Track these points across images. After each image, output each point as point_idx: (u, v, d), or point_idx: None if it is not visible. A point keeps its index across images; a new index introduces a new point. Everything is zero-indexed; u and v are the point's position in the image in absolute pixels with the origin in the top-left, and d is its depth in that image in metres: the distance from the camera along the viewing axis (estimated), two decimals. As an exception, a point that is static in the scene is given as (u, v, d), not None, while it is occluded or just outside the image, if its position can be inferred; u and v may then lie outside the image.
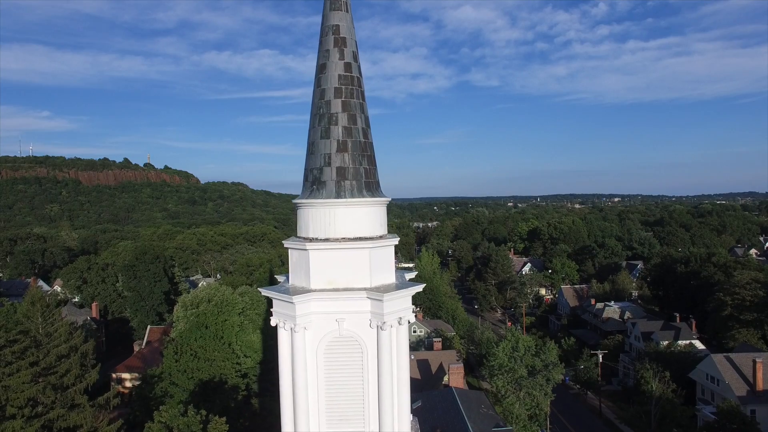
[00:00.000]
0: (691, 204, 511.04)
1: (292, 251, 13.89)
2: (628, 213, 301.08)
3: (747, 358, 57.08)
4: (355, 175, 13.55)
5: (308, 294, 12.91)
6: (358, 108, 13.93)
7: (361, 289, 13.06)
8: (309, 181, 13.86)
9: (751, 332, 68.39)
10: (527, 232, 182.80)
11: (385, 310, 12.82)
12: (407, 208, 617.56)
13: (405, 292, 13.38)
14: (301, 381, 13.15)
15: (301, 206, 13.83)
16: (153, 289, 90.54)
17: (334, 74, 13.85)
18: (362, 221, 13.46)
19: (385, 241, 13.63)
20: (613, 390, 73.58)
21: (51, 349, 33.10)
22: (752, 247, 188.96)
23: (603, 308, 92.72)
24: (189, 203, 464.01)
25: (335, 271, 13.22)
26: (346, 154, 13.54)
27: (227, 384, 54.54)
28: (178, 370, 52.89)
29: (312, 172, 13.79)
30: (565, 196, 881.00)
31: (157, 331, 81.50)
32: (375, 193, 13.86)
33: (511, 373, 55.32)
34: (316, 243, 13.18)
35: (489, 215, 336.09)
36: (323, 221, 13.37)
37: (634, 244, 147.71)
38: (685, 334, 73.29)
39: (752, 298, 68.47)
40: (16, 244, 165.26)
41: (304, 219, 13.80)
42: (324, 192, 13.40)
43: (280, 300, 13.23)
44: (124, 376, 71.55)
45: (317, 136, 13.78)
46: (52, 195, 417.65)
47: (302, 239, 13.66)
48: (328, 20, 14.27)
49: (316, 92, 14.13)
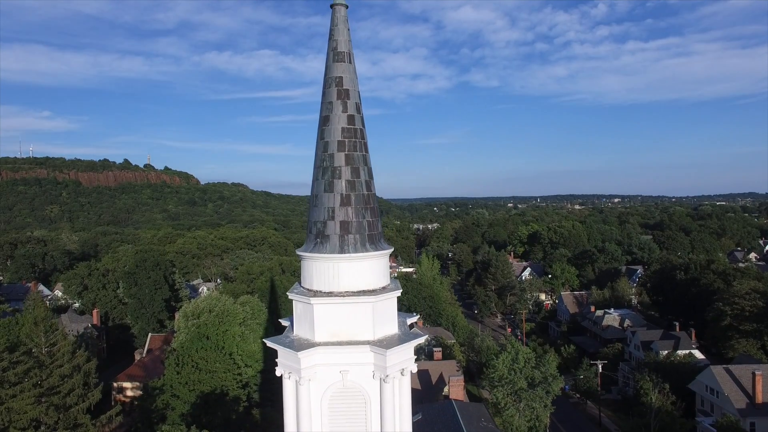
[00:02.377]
0: (690, 205, 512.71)
1: (297, 302, 14.04)
2: (628, 215, 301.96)
3: (746, 370, 57.24)
4: (358, 228, 13.72)
5: (313, 348, 13.08)
6: (361, 161, 14.10)
7: (364, 343, 13.24)
8: (313, 234, 14.03)
9: (751, 342, 68.55)
10: (527, 236, 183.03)
11: (388, 363, 13.02)
12: (407, 208, 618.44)
13: (407, 346, 13.56)
14: (305, 430, 13.35)
15: (306, 258, 14.00)
16: (154, 296, 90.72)
17: (337, 127, 14.02)
18: (365, 274, 13.63)
19: (387, 294, 13.79)
20: (613, 399, 73.77)
21: (54, 370, 33.28)
22: (752, 251, 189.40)
23: (603, 315, 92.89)
24: (189, 204, 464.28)
25: (339, 324, 13.40)
26: (349, 208, 13.71)
27: (228, 395, 54.69)
28: (179, 382, 52.99)
29: (316, 224, 13.96)
30: (565, 197, 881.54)
31: (158, 339, 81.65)
32: (378, 246, 14.03)
33: (510, 385, 55.52)
34: (321, 297, 13.35)
35: (489, 217, 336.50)
36: (327, 275, 13.55)
37: (634, 249, 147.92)
38: (684, 343, 73.44)
39: (752, 308, 68.60)
40: (17, 247, 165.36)
41: (308, 271, 13.97)
42: (328, 246, 13.57)
43: (286, 352, 13.40)
44: (125, 385, 71.72)
45: (321, 189, 13.95)
46: (53, 196, 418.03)
47: (306, 291, 13.82)
48: (331, 72, 14.44)
49: (319, 144, 14.30)
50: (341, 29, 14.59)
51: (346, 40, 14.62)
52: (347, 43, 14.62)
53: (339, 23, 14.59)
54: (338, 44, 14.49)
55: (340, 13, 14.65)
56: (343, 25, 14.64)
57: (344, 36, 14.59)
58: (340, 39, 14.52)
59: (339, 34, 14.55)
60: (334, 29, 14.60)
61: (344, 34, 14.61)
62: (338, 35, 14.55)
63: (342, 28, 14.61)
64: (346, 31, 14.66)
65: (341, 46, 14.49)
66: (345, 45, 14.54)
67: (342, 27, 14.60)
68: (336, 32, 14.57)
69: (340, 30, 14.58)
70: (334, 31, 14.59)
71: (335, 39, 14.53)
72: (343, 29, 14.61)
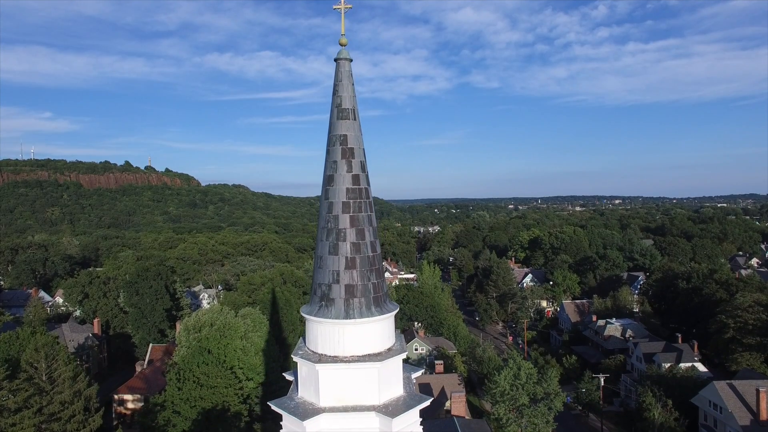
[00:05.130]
0: (691, 207, 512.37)
1: (302, 365, 13.84)
2: (629, 218, 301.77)
3: (750, 386, 56.86)
4: (363, 292, 13.52)
5: (318, 416, 12.88)
6: (366, 221, 13.89)
7: (369, 408, 13.05)
8: (318, 296, 13.83)
9: (755, 356, 68.17)
10: (528, 241, 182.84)
11: (393, 429, 12.83)
12: (408, 210, 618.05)
13: (413, 412, 13.36)
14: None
15: (311, 321, 13.80)
16: (155, 306, 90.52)
17: (341, 188, 13.81)
18: (371, 338, 13.45)
19: (393, 357, 13.59)
20: (615, 411, 73.50)
21: (54, 396, 33.08)
22: (754, 256, 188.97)
23: (605, 325, 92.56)
24: (190, 206, 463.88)
25: (344, 389, 13.20)
26: (354, 271, 13.51)
27: (230, 411, 54.48)
28: (180, 398, 52.79)
29: (321, 287, 13.76)
30: (566, 198, 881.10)
31: (159, 350, 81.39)
32: (383, 308, 13.84)
33: (512, 401, 55.32)
34: (326, 363, 13.15)
35: (490, 220, 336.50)
36: (332, 339, 13.36)
37: (636, 255, 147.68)
38: (687, 356, 73.12)
39: (755, 322, 68.29)
40: (18, 253, 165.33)
41: (313, 333, 13.78)
42: (333, 310, 13.37)
43: (291, 419, 13.21)
44: (125, 397, 71.46)
45: (325, 251, 13.75)
46: (54, 198, 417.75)
47: (312, 354, 13.63)
48: (335, 129, 14.22)
49: (323, 204, 14.09)
50: (345, 85, 14.37)
51: (351, 95, 14.40)
52: (352, 99, 14.40)
53: (343, 79, 14.38)
54: (342, 101, 14.27)
55: (345, 68, 14.44)
56: (348, 80, 14.42)
57: (348, 92, 14.37)
58: (344, 95, 14.31)
59: (343, 90, 14.34)
60: (338, 85, 14.37)
61: (348, 90, 14.39)
62: (343, 91, 14.34)
63: (346, 84, 14.39)
64: (350, 86, 14.44)
65: (346, 103, 14.27)
66: (349, 101, 14.33)
67: (346, 83, 14.39)
68: (340, 88, 14.35)
69: (345, 86, 14.36)
70: (338, 87, 14.36)
71: (339, 95, 14.31)
72: (347, 85, 14.39)
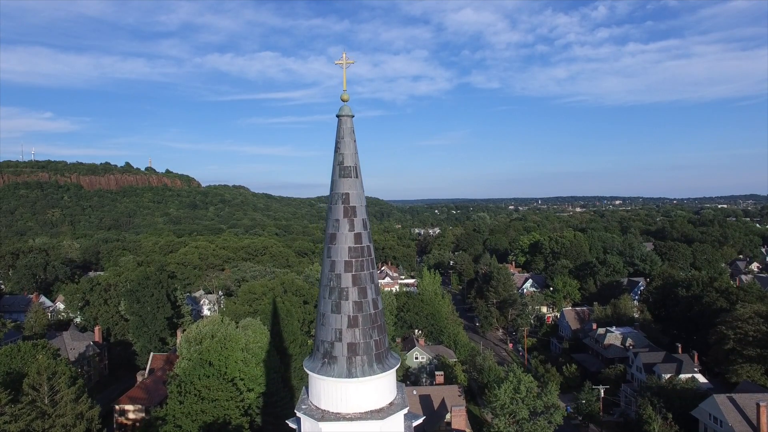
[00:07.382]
0: (692, 208, 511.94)
1: (305, 421, 14.00)
2: (629, 220, 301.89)
3: (751, 400, 56.96)
4: (365, 350, 13.68)
5: (320, 476, 13.03)
6: (368, 280, 14.04)
7: (371, 466, 13.19)
8: (321, 352, 13.99)
9: (755, 368, 68.20)
10: (528, 246, 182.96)
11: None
12: (408, 211, 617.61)
13: (415, 470, 13.52)
14: None
15: (314, 377, 13.95)
16: (156, 315, 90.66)
17: (344, 246, 13.95)
18: (373, 395, 13.63)
19: (395, 414, 13.75)
20: (615, 422, 73.61)
21: (56, 420, 33.22)
22: (754, 260, 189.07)
23: (605, 333, 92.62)
24: (190, 207, 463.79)
25: (346, 446, 13.34)
26: (356, 329, 13.67)
27: (231, 425, 54.62)
28: (182, 412, 52.90)
29: (323, 344, 13.92)
30: (566, 199, 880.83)
31: (160, 359, 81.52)
32: (385, 364, 14.00)
33: (512, 415, 55.46)
34: (329, 421, 13.30)
35: (490, 222, 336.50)
36: (335, 396, 13.53)
37: (636, 261, 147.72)
38: (687, 367, 73.23)
39: (755, 333, 68.33)
40: (18, 257, 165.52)
41: (316, 389, 13.95)
42: (336, 368, 13.53)
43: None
44: (126, 407, 71.64)
45: (328, 309, 13.90)
46: (54, 200, 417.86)
47: (315, 410, 13.78)
48: (338, 187, 14.33)
49: (326, 262, 14.22)
50: (347, 142, 14.49)
51: (353, 153, 14.52)
52: (354, 156, 14.52)
53: (345, 136, 14.50)
54: (345, 159, 14.40)
55: (347, 125, 14.56)
56: (350, 137, 14.53)
57: (350, 149, 14.49)
58: (346, 153, 14.43)
59: (345, 148, 14.46)
60: (340, 142, 14.48)
61: (350, 147, 14.50)
62: (345, 149, 14.45)
63: (348, 141, 14.50)
64: (352, 143, 14.56)
65: (348, 161, 14.40)
66: (351, 159, 14.45)
67: (348, 140, 14.50)
68: (342, 145, 14.46)
69: (347, 143, 14.47)
70: (340, 144, 14.47)
71: (341, 153, 14.42)
72: (349, 142, 14.51)
